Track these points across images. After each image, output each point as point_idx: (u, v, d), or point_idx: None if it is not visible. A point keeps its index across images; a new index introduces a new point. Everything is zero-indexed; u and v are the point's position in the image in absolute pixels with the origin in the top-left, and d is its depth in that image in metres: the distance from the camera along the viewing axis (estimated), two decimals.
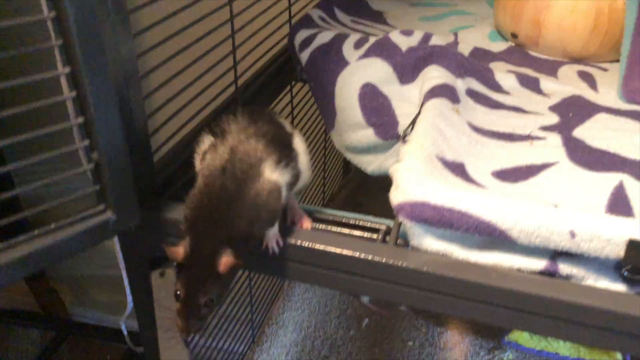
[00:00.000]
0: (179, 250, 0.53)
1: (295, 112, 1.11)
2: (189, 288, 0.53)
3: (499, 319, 0.56)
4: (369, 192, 1.40)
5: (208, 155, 0.58)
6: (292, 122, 1.12)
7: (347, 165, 1.58)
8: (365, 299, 1.19)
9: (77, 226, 0.53)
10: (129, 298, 0.94)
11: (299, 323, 1.25)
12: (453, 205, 0.55)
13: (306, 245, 0.60)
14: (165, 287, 0.62)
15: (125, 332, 1.18)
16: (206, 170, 0.56)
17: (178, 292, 0.53)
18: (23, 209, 0.52)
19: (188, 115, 0.72)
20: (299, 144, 0.64)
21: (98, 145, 0.51)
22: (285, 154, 0.59)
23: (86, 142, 0.51)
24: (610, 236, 0.51)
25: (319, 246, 0.59)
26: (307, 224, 0.64)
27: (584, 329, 0.53)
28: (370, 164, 0.84)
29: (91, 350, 1.86)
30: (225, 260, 0.52)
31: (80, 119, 0.51)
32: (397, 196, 0.57)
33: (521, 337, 1.14)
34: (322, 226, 0.65)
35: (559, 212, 0.53)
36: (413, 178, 0.57)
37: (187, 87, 0.70)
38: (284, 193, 0.58)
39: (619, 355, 1.07)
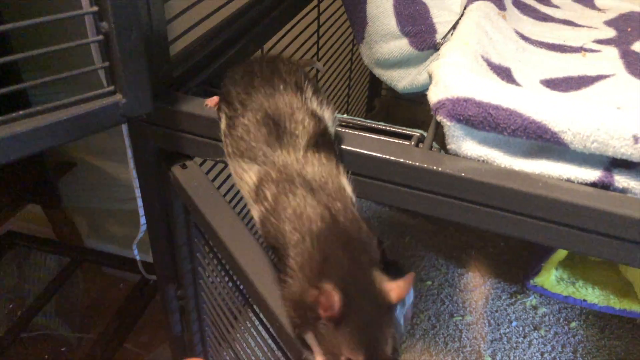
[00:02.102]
0: (334, 298, 0.38)
1: (320, 31, 1.04)
2: (367, 344, 0.39)
3: (543, 235, 0.51)
4: None
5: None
6: (317, 44, 1.06)
7: (371, 101, 1.52)
8: None
9: (84, 106, 0.48)
10: (142, 220, 0.90)
11: None
12: (500, 102, 0.49)
13: None
14: (193, 177, 0.57)
15: (137, 257, 1.16)
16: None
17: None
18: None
19: (210, 9, 0.66)
20: None
21: (108, 14, 0.46)
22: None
23: (94, 8, 0.46)
24: None
25: (344, 147, 0.54)
26: None
27: None
28: (402, 79, 0.77)
29: (105, 279, 1.87)
30: (397, 285, 0.41)
31: None
32: (436, 92, 0.51)
33: (547, 281, 1.08)
34: (347, 130, 0.59)
35: (621, 113, 0.47)
36: (456, 72, 0.51)
37: None
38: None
39: None
